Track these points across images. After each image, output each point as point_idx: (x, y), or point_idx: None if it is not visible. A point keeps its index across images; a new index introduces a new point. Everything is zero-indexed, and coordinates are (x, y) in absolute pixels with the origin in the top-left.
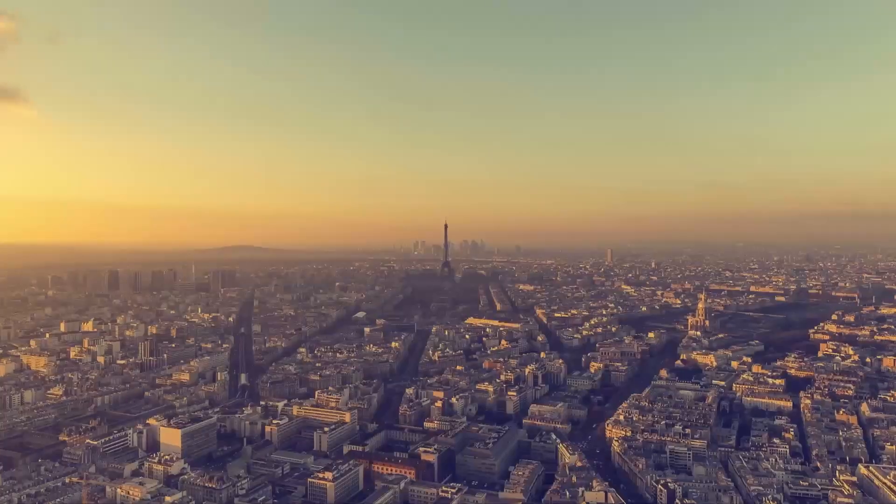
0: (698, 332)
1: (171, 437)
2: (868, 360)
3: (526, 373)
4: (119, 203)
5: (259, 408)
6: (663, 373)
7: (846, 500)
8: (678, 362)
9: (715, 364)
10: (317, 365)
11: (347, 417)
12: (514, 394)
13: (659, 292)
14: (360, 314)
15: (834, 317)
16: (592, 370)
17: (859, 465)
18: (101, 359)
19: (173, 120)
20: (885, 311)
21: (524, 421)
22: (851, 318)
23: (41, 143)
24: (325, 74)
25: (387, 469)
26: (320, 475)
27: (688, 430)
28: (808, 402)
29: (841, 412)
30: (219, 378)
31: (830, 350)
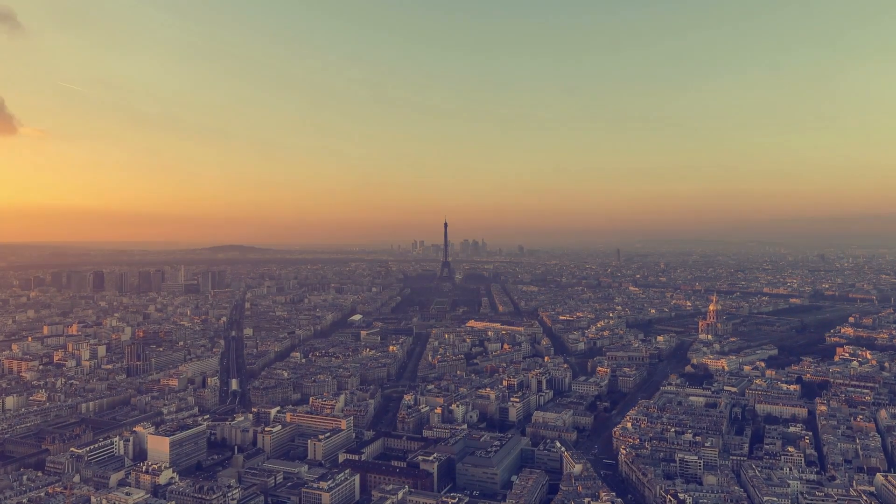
0: (709, 336)
1: (158, 446)
2: (886, 364)
3: (529, 378)
4: (106, 205)
5: (251, 415)
6: (673, 378)
7: None
8: (688, 367)
9: (727, 369)
10: (311, 370)
11: (343, 425)
12: (517, 400)
13: (668, 294)
14: (357, 317)
15: (851, 319)
16: (599, 375)
17: (877, 475)
18: (86, 363)
19: (164, 118)
20: None
21: (527, 428)
22: (869, 321)
23: (25, 146)
24: (322, 72)
25: (384, 479)
26: (315, 485)
27: (698, 438)
28: (823, 408)
29: (858, 419)
30: (209, 383)
31: (847, 354)
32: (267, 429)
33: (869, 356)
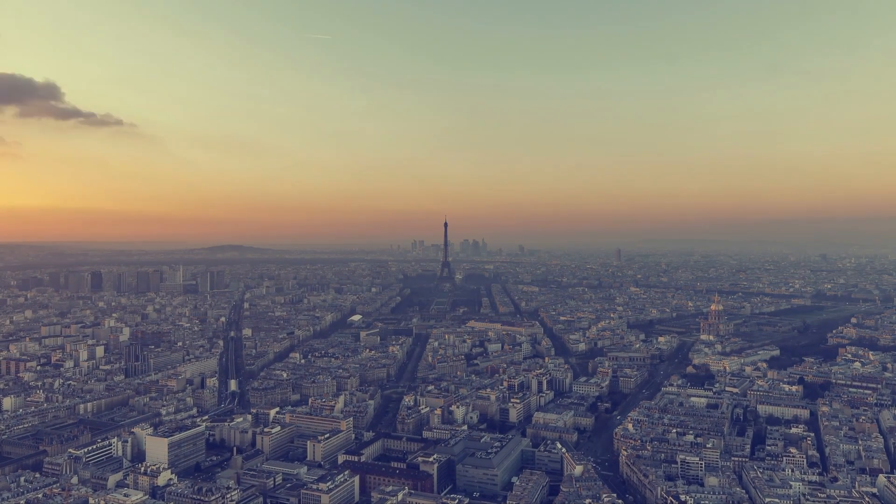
0: (711, 337)
1: (157, 447)
2: (889, 365)
3: (530, 379)
4: (104, 205)
5: (250, 416)
6: (674, 379)
7: None
8: (690, 368)
9: (728, 370)
10: (310, 370)
11: (343, 426)
12: (518, 401)
13: (670, 294)
14: (356, 317)
15: (853, 320)
16: (600, 376)
17: (880, 476)
18: (84, 364)
19: (162, 118)
20: None
21: (528, 429)
22: (871, 322)
23: (20, 148)
24: (321, 70)
25: (384, 480)
26: (314, 486)
27: (700, 440)
28: (825, 409)
29: (860, 420)
30: (208, 384)
31: (849, 355)
32: (266, 430)
33: (871, 357)
